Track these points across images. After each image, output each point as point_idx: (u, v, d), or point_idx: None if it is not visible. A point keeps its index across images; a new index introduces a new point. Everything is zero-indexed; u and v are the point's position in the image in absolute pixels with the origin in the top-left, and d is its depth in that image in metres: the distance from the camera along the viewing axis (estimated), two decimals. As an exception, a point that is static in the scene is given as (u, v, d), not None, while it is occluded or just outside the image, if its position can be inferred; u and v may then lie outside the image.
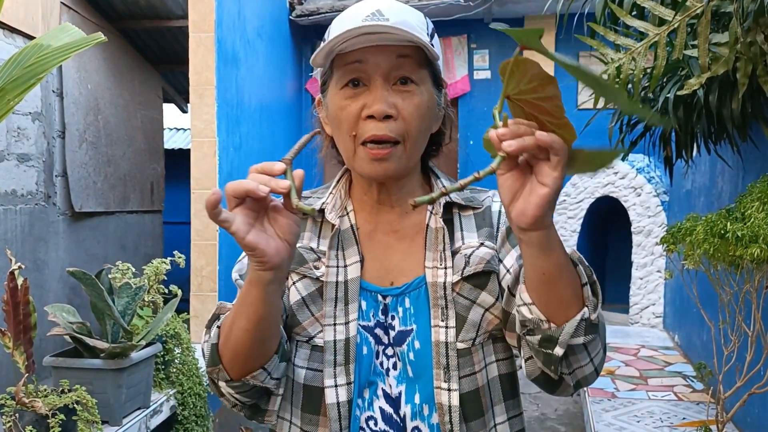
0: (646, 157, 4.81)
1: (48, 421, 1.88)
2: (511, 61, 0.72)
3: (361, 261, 0.96)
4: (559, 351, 0.82)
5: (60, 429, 1.87)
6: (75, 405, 1.98)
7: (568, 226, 5.10)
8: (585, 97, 4.86)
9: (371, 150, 0.88)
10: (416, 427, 0.92)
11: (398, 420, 0.92)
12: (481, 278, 0.94)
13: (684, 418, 2.74)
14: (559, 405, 4.47)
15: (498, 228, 0.98)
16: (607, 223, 5.34)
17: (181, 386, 2.75)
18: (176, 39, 4.36)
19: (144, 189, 4.38)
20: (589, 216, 5.09)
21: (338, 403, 0.91)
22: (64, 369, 2.29)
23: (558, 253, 0.77)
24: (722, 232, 1.53)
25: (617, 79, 1.91)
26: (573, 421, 4.13)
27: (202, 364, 3.04)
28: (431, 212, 0.97)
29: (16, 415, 1.87)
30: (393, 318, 0.95)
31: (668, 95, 2.04)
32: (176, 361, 2.80)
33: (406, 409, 0.92)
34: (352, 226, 0.97)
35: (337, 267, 0.95)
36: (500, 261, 0.96)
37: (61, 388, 2.06)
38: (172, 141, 7.68)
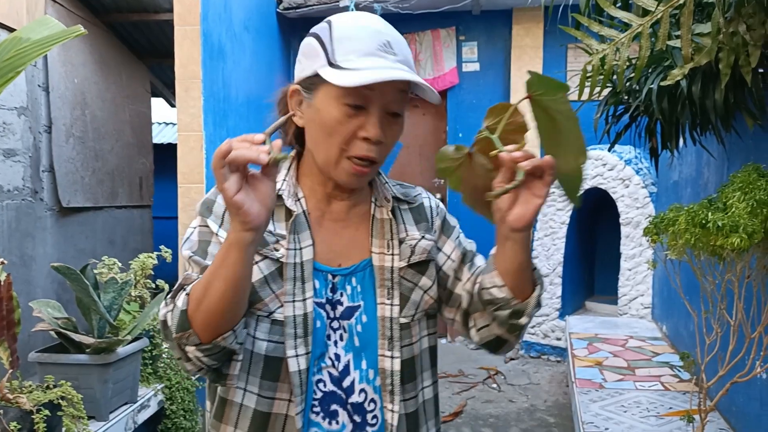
0: (634, 148, 4.83)
1: (33, 416, 1.87)
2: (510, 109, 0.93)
3: (312, 244, 1.07)
4: (525, 320, 1.06)
5: (45, 425, 1.87)
6: (60, 401, 1.97)
7: (557, 218, 5.11)
8: (571, 88, 4.87)
9: (356, 166, 1.02)
10: (363, 389, 1.07)
11: (346, 383, 1.06)
12: (422, 265, 1.13)
13: (670, 408, 2.76)
14: (549, 396, 4.50)
15: (432, 222, 1.17)
16: (596, 214, 5.36)
17: (168, 381, 2.75)
18: (163, 32, 4.33)
19: (133, 184, 4.36)
20: (579, 208, 5.10)
21: (299, 371, 1.02)
22: (50, 365, 2.28)
23: (529, 247, 1.01)
24: (704, 222, 1.54)
25: (601, 70, 1.91)
26: (562, 411, 4.16)
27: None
28: (375, 204, 1.13)
29: (1, 411, 1.86)
30: (341, 295, 1.09)
31: (652, 86, 2.05)
32: (164, 355, 2.80)
33: (354, 374, 1.06)
34: (304, 212, 1.09)
35: (295, 249, 1.05)
36: (439, 250, 1.16)
37: (46, 384, 2.05)
38: (161, 135, 7.64)
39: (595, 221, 5.47)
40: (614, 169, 4.76)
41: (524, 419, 4.10)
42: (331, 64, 1.00)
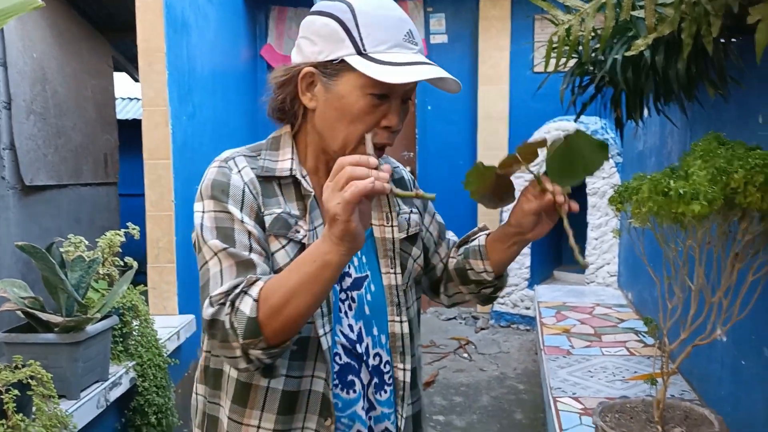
0: (600, 119, 4.88)
1: (2, 397, 1.85)
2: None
3: (324, 223, 1.06)
4: (500, 293, 1.31)
5: (15, 405, 1.85)
6: (29, 380, 1.95)
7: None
8: (537, 59, 4.89)
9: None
10: (377, 353, 1.15)
11: (361, 350, 1.13)
12: (414, 237, 1.24)
13: (635, 372, 2.84)
14: (518, 364, 4.59)
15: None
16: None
17: (140, 358, 2.74)
18: (125, 5, 4.22)
19: (98, 161, 4.28)
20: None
21: (329, 348, 1.08)
22: (18, 345, 2.25)
23: None
24: (666, 190, 1.57)
25: (567, 40, 1.92)
26: (531, 378, 4.25)
27: (162, 335, 3.03)
28: None
29: (-31, 392, 1.84)
30: (349, 267, 1.14)
31: (616, 56, 2.07)
32: (134, 333, 2.78)
33: (367, 340, 1.14)
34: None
35: (312, 230, 1.09)
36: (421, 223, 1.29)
37: (14, 364, 2.03)
38: (126, 111, 7.49)
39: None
40: (581, 140, 4.81)
41: (494, 387, 4.19)
42: (360, 53, 1.02)
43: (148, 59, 3.40)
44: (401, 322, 1.17)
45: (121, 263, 2.76)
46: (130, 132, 5.08)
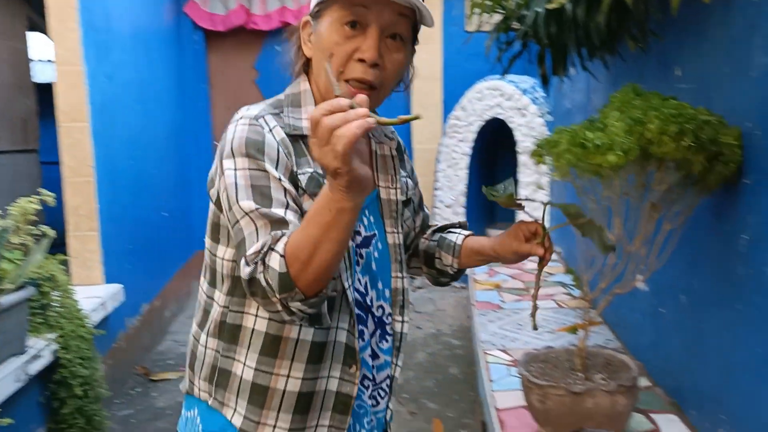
0: (530, 78, 4.92)
1: None
2: None
3: None
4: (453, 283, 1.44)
5: None
6: (-64, 356, 1.85)
7: (459, 149, 5.19)
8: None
9: (352, 88, 1.05)
10: (381, 306, 1.22)
11: (367, 302, 1.20)
12: (408, 201, 1.32)
13: (563, 323, 2.91)
14: (453, 321, 4.67)
15: (404, 162, 1.34)
16: (496, 144, 5.47)
17: (61, 329, 2.63)
18: (33, -43, 3.96)
19: (15, 127, 4.04)
20: (479, 139, 5.19)
21: (353, 300, 1.15)
22: (-77, 319, 2.13)
23: None
24: (583, 141, 1.58)
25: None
26: (466, 334, 4.33)
27: (86, 305, 2.92)
28: (376, 141, 1.24)
29: None
30: (359, 226, 1.19)
31: (538, 9, 2.06)
32: (54, 304, 2.67)
33: (372, 293, 1.20)
34: None
35: None
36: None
37: None
38: (45, 74, 7.09)
39: (495, 151, 5.59)
40: (511, 99, 4.84)
41: (430, 343, 4.25)
42: None
43: (59, 16, 3.20)
44: (402, 278, 1.25)
45: (38, 232, 2.63)
46: (50, 96, 4.82)
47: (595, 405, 1.74)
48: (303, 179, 1.09)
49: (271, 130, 1.08)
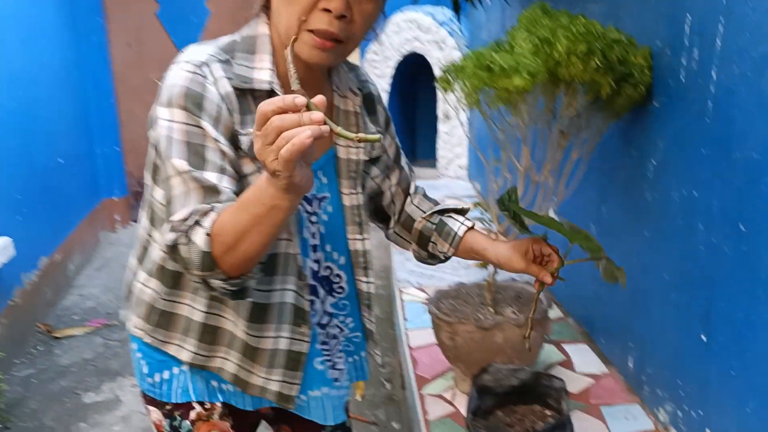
0: (448, 10, 4.77)
1: None
2: None
3: None
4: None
5: None
6: None
7: (378, 85, 5.03)
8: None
9: (317, 39, 0.95)
10: (328, 266, 1.16)
11: (313, 264, 1.14)
12: (376, 159, 1.21)
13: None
14: (377, 261, 4.60)
15: (378, 113, 1.23)
16: (415, 79, 5.34)
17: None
18: None
19: None
20: (398, 74, 5.05)
21: (304, 261, 1.11)
22: None
23: None
24: (489, 64, 1.48)
25: None
26: (388, 274, 4.29)
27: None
28: (338, 94, 1.12)
29: None
30: None
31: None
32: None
33: (319, 254, 1.14)
34: None
35: None
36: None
37: None
38: None
39: (414, 86, 5.47)
40: (429, 32, 4.70)
41: (351, 285, 4.19)
42: None
43: None
44: (363, 239, 1.18)
45: None
46: None
47: (505, 339, 1.70)
48: (245, 141, 1.00)
49: (215, 82, 0.99)
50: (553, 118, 1.70)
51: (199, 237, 0.89)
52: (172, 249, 0.92)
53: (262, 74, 1.02)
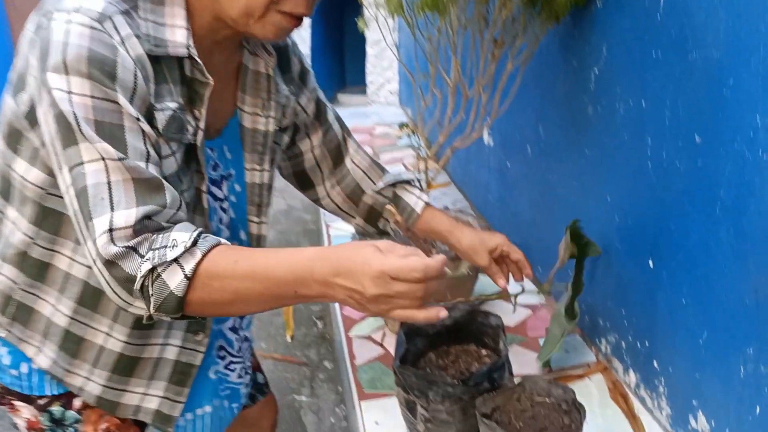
0: None
1: None
2: None
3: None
4: None
5: None
6: None
7: (300, 6, 4.71)
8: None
9: (291, 20, 0.84)
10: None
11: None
12: (288, 127, 1.08)
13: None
14: (304, 198, 4.42)
15: (292, 66, 1.07)
16: (343, 4, 5.04)
17: None
18: None
19: None
20: (322, -6, 4.73)
21: None
22: None
23: None
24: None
25: None
26: (317, 209, 4.12)
27: None
28: (249, 52, 0.96)
29: None
30: (212, 165, 0.96)
31: None
32: None
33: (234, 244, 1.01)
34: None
35: (199, 128, 0.88)
36: (298, 102, 1.09)
37: None
38: None
39: (342, 11, 5.16)
40: (354, -55, 4.38)
41: (281, 220, 4.01)
42: None
43: None
44: (260, 223, 1.05)
45: None
46: None
47: (437, 274, 1.55)
48: (161, 118, 0.82)
49: (123, 42, 0.77)
50: (486, 25, 1.50)
51: (173, 278, 0.73)
52: (109, 264, 0.74)
53: (176, 35, 0.82)
